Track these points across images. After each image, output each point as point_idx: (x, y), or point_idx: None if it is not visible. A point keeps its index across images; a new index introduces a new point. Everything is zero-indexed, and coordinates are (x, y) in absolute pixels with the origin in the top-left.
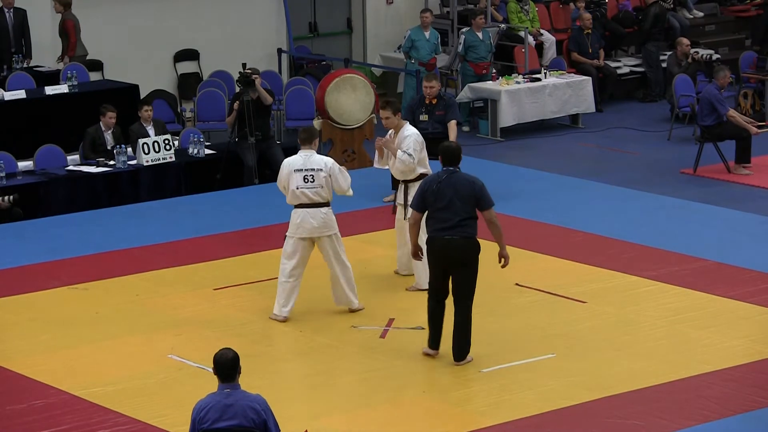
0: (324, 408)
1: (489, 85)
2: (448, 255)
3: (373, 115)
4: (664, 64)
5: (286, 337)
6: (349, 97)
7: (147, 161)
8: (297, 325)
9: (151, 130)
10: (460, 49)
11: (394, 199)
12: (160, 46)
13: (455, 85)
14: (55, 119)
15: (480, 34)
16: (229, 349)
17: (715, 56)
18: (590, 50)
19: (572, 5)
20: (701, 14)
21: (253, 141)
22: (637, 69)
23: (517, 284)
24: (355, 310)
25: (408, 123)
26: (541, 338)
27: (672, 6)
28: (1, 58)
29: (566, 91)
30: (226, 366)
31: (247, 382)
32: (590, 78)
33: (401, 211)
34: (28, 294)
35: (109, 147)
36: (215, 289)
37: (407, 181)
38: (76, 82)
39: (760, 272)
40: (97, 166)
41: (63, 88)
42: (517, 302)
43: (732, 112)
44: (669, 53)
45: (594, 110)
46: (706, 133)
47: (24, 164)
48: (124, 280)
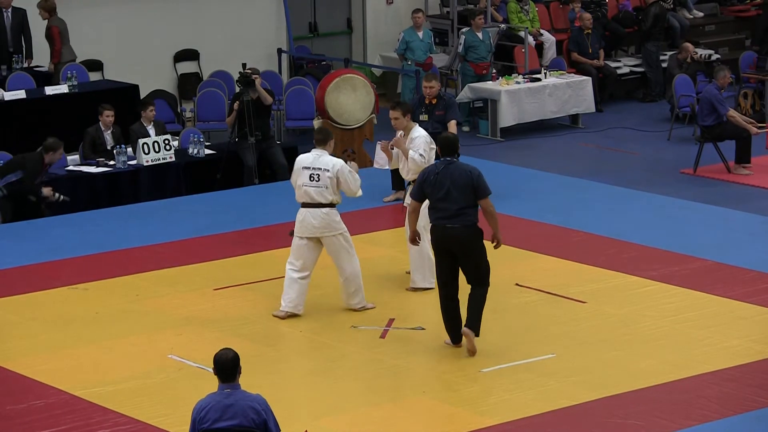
0: (324, 408)
1: (489, 85)
2: (450, 243)
3: (373, 115)
4: (664, 64)
5: (286, 337)
6: (349, 97)
7: (147, 161)
8: (297, 325)
9: (151, 130)
10: (461, 49)
11: (394, 199)
12: (160, 46)
13: (455, 85)
14: (55, 119)
15: (480, 34)
16: (229, 349)
17: (715, 56)
18: (590, 50)
19: (570, 5)
20: (701, 14)
21: (253, 141)
22: (637, 69)
23: (517, 284)
24: (358, 309)
25: (417, 125)
26: (541, 338)
27: (672, 6)
28: (0, 58)
29: (566, 91)
30: (227, 366)
31: (247, 382)
32: (590, 78)
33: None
34: (28, 294)
35: (108, 147)
36: (215, 289)
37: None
38: (76, 82)
39: (759, 272)
40: (97, 166)
41: (63, 88)
42: (517, 302)
43: (732, 112)
44: (669, 53)
45: (594, 110)
46: (706, 133)
47: None
48: (124, 280)
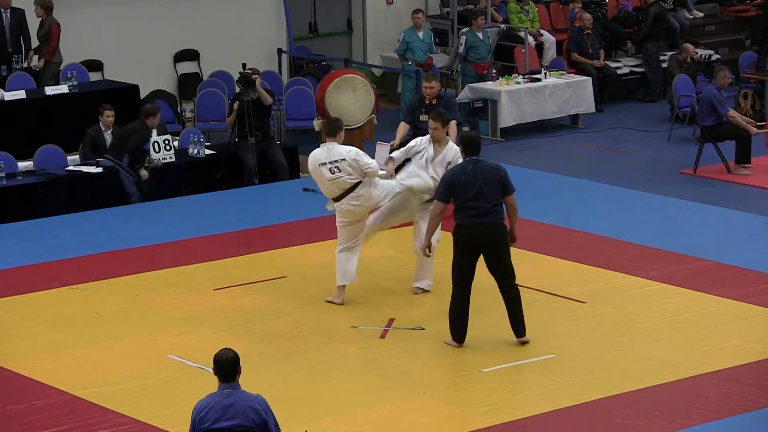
0: (324, 408)
1: (489, 85)
2: (481, 241)
3: (373, 116)
4: (664, 65)
5: (286, 337)
6: (349, 98)
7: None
8: (297, 325)
9: (153, 131)
10: (461, 49)
11: None
12: (160, 46)
13: (455, 85)
14: (55, 119)
15: (480, 35)
16: (230, 349)
17: (715, 56)
18: (590, 50)
19: (570, 6)
20: (701, 14)
21: (253, 141)
22: (637, 69)
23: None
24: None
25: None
26: (541, 338)
27: (672, 6)
28: (0, 58)
29: (566, 92)
30: (227, 366)
31: (247, 382)
32: (590, 78)
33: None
34: (28, 294)
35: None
36: (215, 289)
37: None
38: (76, 82)
39: (759, 272)
40: (97, 166)
41: (63, 88)
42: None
43: (732, 113)
44: (669, 53)
45: (594, 110)
46: (706, 133)
47: (24, 164)
48: (124, 280)
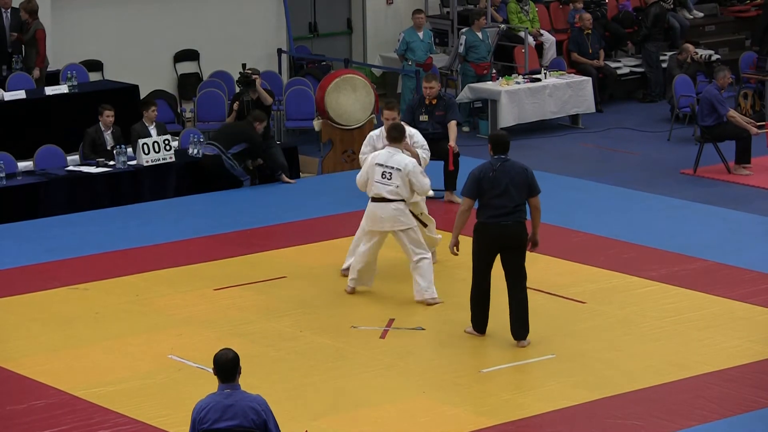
0: (324, 408)
1: (489, 85)
2: (503, 240)
3: (373, 116)
4: (664, 65)
5: (286, 337)
6: (349, 98)
7: (147, 161)
8: (297, 325)
9: (153, 131)
10: (461, 49)
11: None
12: (160, 46)
13: (455, 85)
14: (55, 119)
15: (480, 35)
16: (230, 349)
17: (715, 56)
18: (590, 50)
19: (570, 6)
20: (701, 14)
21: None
22: (637, 69)
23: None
24: (431, 303)
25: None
26: (541, 338)
27: (672, 6)
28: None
29: (566, 92)
30: (227, 366)
31: (247, 382)
32: (590, 78)
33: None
34: (28, 294)
35: (108, 147)
36: (215, 289)
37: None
38: (76, 83)
39: (760, 272)
40: (97, 167)
41: (63, 89)
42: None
43: (732, 113)
44: (669, 53)
45: (594, 110)
46: (706, 133)
47: (24, 164)
48: (124, 280)
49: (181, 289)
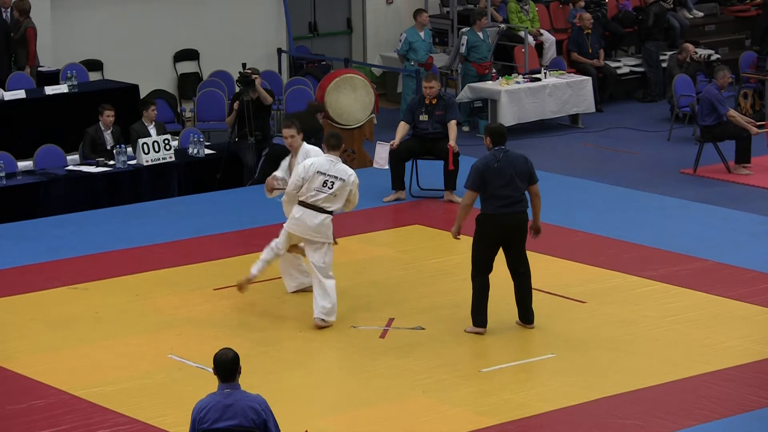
0: (324, 408)
1: (489, 85)
2: (511, 230)
3: (373, 115)
4: (664, 64)
5: (286, 337)
6: (349, 97)
7: (147, 161)
8: (297, 325)
9: (152, 130)
10: (463, 49)
11: (394, 198)
12: (160, 46)
13: (455, 85)
14: (55, 119)
15: (480, 34)
16: (229, 349)
17: (715, 56)
18: (590, 50)
19: (571, 6)
20: (701, 14)
21: (252, 141)
22: (637, 69)
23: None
24: (321, 325)
25: (305, 143)
26: (541, 338)
27: (672, 6)
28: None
29: (566, 91)
30: (226, 366)
31: (247, 382)
32: (590, 78)
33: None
34: (28, 294)
35: (108, 147)
36: (215, 289)
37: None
38: (76, 82)
39: (759, 272)
40: (97, 166)
41: (63, 88)
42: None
43: (732, 112)
44: (669, 53)
45: (594, 110)
46: (706, 133)
47: (24, 164)
48: (124, 280)
49: (181, 289)
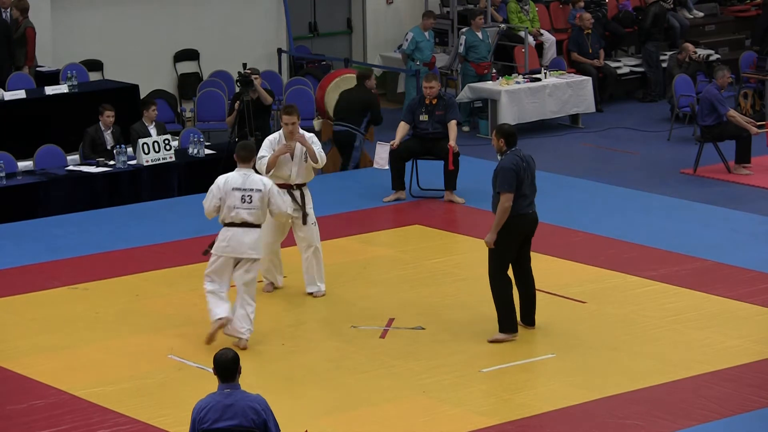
0: (324, 408)
1: (489, 85)
2: (531, 229)
3: None
4: (664, 64)
5: (286, 337)
6: None
7: (147, 161)
8: (297, 324)
9: (153, 130)
10: (461, 49)
11: (394, 199)
12: (160, 46)
13: (455, 85)
14: (55, 119)
15: (480, 34)
16: (229, 349)
17: (715, 56)
18: (590, 50)
19: (570, 6)
20: (701, 14)
21: (253, 141)
22: (637, 69)
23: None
24: (240, 345)
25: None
26: (541, 338)
27: (672, 6)
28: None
29: (566, 91)
30: (227, 366)
31: (247, 382)
32: (590, 78)
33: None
34: (28, 294)
35: (108, 147)
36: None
37: (302, 186)
38: (76, 82)
39: (760, 272)
40: (97, 166)
41: (63, 88)
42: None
43: (732, 112)
44: (669, 53)
45: (594, 110)
46: (706, 133)
47: (24, 164)
48: (124, 280)
49: (181, 289)
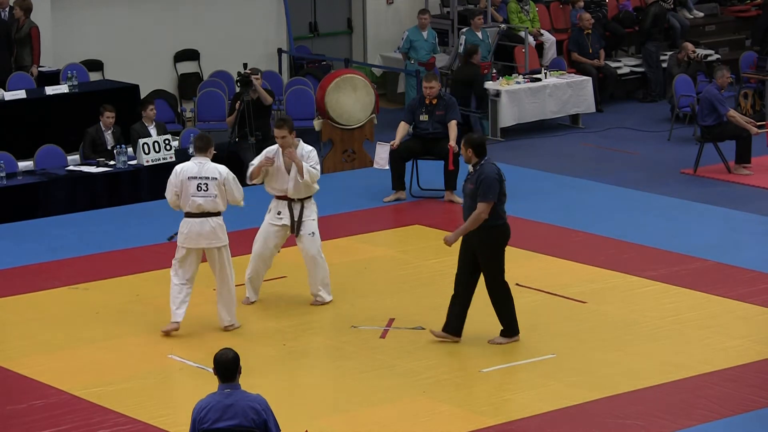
0: (324, 408)
1: (489, 85)
2: (509, 238)
3: (374, 116)
4: (664, 64)
5: (286, 338)
6: (349, 97)
7: (147, 161)
8: (297, 325)
9: (153, 130)
10: (461, 49)
11: (394, 199)
12: (160, 46)
13: None
14: (55, 119)
15: (480, 34)
16: (230, 349)
17: (715, 56)
18: (590, 50)
19: (570, 6)
20: (701, 14)
21: (253, 141)
22: (637, 69)
23: (517, 284)
24: (227, 327)
25: (301, 140)
26: (541, 338)
27: (672, 6)
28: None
29: (566, 91)
30: (227, 366)
31: (247, 382)
32: (590, 78)
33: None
34: (28, 294)
35: (109, 147)
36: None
37: (303, 200)
38: (76, 82)
39: (760, 272)
40: (97, 166)
41: (63, 88)
42: (518, 302)
43: (732, 112)
44: (669, 53)
45: (594, 110)
46: (707, 133)
47: (24, 164)
48: (124, 280)
49: None
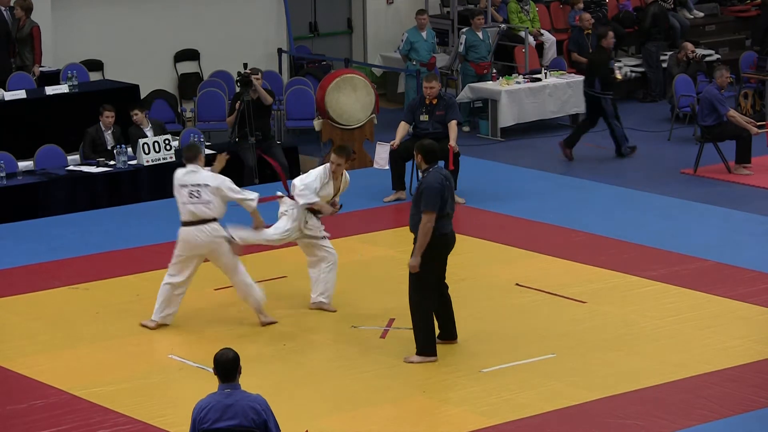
0: (324, 408)
1: (489, 85)
2: (452, 247)
3: (374, 115)
4: (665, 64)
5: (286, 338)
6: (349, 97)
7: (147, 161)
8: (297, 325)
9: (149, 132)
10: (461, 49)
11: (394, 198)
12: (160, 46)
13: (455, 85)
14: (55, 119)
15: (480, 34)
16: (230, 349)
17: (715, 56)
18: (590, 50)
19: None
20: (701, 14)
21: (253, 141)
22: (638, 69)
23: (517, 284)
24: (263, 322)
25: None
26: (541, 338)
27: (672, 6)
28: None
29: (566, 91)
30: (227, 366)
31: (247, 382)
32: None
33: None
34: (28, 294)
35: (109, 147)
36: (215, 289)
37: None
38: (76, 82)
39: (760, 272)
40: (98, 166)
41: (63, 88)
42: (518, 302)
43: (732, 112)
44: (669, 53)
45: None
46: (707, 133)
47: (24, 164)
48: (124, 280)
49: None
